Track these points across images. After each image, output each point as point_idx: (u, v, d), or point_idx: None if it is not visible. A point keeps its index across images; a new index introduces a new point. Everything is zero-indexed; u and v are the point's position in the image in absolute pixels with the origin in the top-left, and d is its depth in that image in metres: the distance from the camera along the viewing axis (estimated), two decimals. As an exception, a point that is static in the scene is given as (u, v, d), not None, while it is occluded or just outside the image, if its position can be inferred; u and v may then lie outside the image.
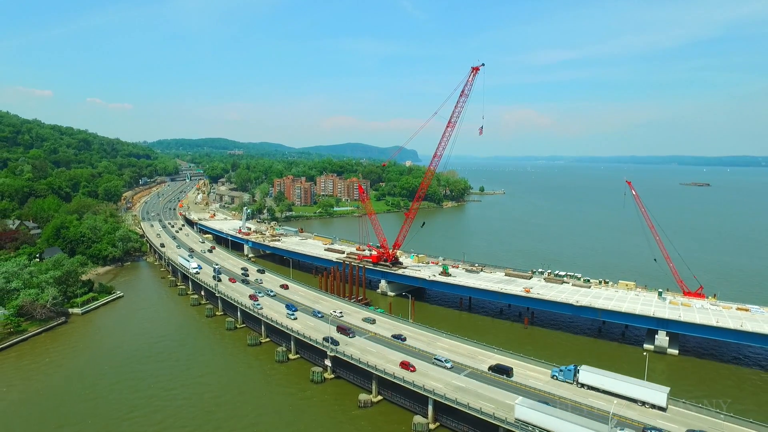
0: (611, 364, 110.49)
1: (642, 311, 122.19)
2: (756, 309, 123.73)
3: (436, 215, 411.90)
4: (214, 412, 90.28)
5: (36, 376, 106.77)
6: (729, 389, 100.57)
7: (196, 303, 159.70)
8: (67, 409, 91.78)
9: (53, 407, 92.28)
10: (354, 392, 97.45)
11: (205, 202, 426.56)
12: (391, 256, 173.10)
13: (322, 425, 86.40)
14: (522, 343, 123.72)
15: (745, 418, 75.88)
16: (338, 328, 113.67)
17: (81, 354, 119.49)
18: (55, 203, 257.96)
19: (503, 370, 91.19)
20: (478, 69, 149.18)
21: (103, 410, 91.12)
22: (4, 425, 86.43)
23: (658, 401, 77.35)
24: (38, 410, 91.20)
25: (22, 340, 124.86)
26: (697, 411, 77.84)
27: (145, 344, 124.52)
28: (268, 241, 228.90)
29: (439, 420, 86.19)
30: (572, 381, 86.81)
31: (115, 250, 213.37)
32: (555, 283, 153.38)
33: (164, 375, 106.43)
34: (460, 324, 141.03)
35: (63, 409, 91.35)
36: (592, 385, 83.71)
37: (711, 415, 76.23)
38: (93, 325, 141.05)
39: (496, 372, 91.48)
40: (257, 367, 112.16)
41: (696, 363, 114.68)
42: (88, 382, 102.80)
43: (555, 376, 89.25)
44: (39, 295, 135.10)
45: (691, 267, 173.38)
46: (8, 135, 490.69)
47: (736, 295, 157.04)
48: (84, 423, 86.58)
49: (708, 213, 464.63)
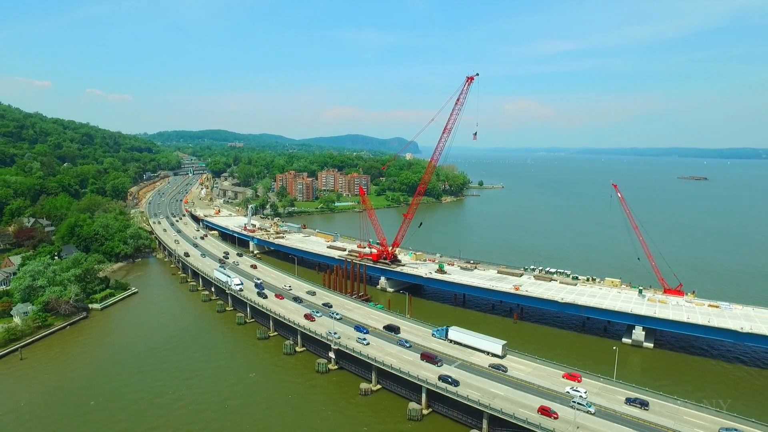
0: (591, 356, 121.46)
1: (621, 308, 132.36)
2: (726, 306, 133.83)
3: (435, 210, 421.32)
4: (230, 399, 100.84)
5: (66, 365, 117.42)
6: (694, 378, 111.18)
7: (207, 299, 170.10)
8: (97, 393, 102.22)
9: (85, 392, 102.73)
10: (355, 381, 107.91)
11: (209, 197, 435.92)
12: (390, 254, 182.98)
13: (327, 411, 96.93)
14: (511, 337, 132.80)
15: (702, 404, 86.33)
16: (423, 356, 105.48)
17: (104, 346, 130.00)
18: (67, 201, 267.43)
19: (393, 328, 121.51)
20: (473, 78, 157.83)
21: (131, 396, 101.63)
22: (45, 406, 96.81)
23: (495, 350, 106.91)
24: (72, 394, 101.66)
25: (50, 333, 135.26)
26: (522, 357, 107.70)
27: (163, 337, 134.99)
28: (273, 239, 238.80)
29: (431, 406, 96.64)
30: (444, 338, 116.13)
31: (126, 248, 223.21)
32: (544, 281, 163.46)
33: (182, 365, 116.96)
34: (455, 319, 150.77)
35: (94, 394, 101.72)
36: (457, 340, 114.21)
37: (528, 359, 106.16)
38: (112, 319, 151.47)
39: (388, 330, 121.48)
40: (267, 358, 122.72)
41: (668, 355, 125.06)
42: (115, 371, 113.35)
43: (434, 334, 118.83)
44: (62, 292, 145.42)
45: (673, 265, 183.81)
46: (12, 130, 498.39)
47: (716, 292, 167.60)
48: (115, 407, 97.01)
49: (701, 209, 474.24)
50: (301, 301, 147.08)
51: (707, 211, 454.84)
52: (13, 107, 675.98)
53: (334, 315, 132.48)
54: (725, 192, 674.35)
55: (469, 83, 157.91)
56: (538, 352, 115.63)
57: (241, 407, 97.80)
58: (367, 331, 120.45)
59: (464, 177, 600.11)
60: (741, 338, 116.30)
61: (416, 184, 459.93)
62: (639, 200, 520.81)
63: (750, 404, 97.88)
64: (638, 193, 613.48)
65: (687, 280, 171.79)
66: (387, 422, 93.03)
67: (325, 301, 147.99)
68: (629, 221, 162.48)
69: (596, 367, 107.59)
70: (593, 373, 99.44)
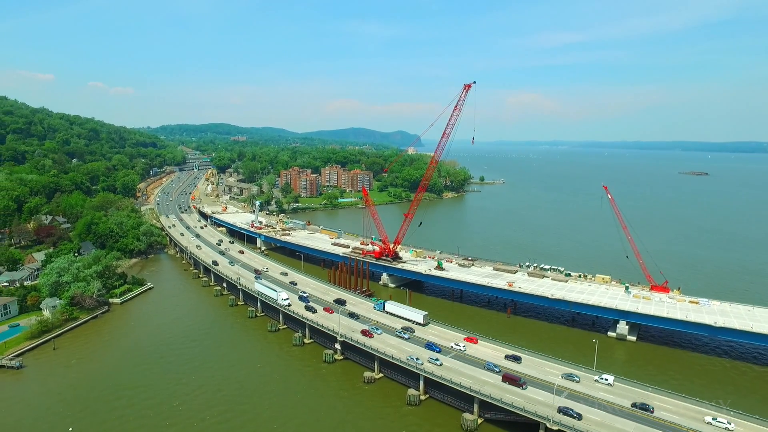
0: (578, 349, 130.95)
1: (607, 304, 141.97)
2: (705, 302, 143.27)
3: (436, 207, 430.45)
4: (246, 385, 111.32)
5: (94, 354, 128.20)
6: (669, 369, 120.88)
7: (219, 294, 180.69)
8: (125, 378, 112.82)
9: (114, 377, 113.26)
10: (359, 371, 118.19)
11: (216, 193, 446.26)
12: (392, 251, 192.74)
13: (333, 397, 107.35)
14: (504, 330, 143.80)
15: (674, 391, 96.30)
16: (505, 377, 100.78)
17: (127, 337, 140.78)
18: (81, 199, 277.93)
19: (341, 302, 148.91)
20: (470, 86, 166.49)
21: (155, 381, 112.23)
22: (78, 390, 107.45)
23: (419, 319, 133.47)
24: (103, 379, 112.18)
25: (77, 325, 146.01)
26: (439, 324, 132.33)
27: (180, 329, 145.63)
28: (279, 235, 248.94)
29: (428, 392, 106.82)
30: (382, 311, 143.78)
31: (139, 244, 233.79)
32: (536, 277, 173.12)
33: (200, 354, 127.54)
34: (452, 313, 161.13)
35: (121, 379, 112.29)
36: (392, 312, 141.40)
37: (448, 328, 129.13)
38: (132, 313, 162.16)
39: (337, 302, 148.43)
40: (277, 349, 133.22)
41: (649, 348, 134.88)
42: (139, 359, 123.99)
43: (375, 308, 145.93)
44: (86, 287, 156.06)
45: (663, 262, 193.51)
46: (22, 126, 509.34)
47: (703, 289, 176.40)
48: (141, 391, 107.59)
49: (697, 205, 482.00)
50: (357, 317, 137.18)
51: (703, 207, 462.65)
52: (20, 102, 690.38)
53: (401, 334, 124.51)
54: (724, 188, 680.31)
55: (467, 91, 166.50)
56: (528, 344, 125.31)
57: (257, 391, 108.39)
58: (439, 350, 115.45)
59: (465, 173, 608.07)
60: (715, 332, 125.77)
61: (418, 180, 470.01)
62: (637, 196, 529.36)
63: (715, 390, 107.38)
64: (637, 189, 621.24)
65: (675, 277, 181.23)
66: (388, 406, 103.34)
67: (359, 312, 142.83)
68: (619, 221, 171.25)
69: (579, 358, 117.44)
70: (575, 362, 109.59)
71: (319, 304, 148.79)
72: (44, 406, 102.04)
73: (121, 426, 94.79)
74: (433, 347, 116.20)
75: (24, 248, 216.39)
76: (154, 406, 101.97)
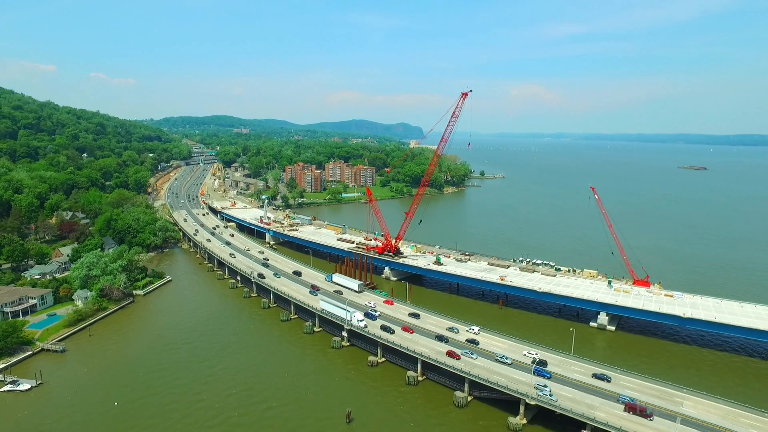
0: (563, 337, 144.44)
1: (589, 297, 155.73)
2: (679, 295, 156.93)
3: (437, 202, 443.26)
4: (264, 367, 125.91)
5: (125, 340, 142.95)
6: (640, 355, 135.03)
7: (233, 286, 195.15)
8: (154, 360, 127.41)
9: (145, 358, 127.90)
10: (364, 356, 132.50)
11: (223, 188, 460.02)
12: (394, 247, 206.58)
13: (341, 378, 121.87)
14: (495, 320, 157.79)
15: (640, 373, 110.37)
16: (628, 406, 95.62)
17: (153, 325, 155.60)
18: (98, 195, 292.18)
19: (297, 273, 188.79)
20: (467, 94, 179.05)
21: (185, 363, 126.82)
22: (116, 371, 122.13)
23: (354, 287, 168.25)
24: (136, 360, 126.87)
25: (106, 315, 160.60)
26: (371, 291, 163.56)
27: (200, 318, 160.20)
28: (287, 231, 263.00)
29: (425, 374, 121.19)
30: (331, 281, 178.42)
31: (155, 239, 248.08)
32: (527, 272, 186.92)
33: (221, 340, 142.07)
34: (449, 305, 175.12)
35: (151, 360, 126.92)
36: (337, 282, 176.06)
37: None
38: (155, 304, 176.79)
39: (295, 274, 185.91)
40: (290, 337, 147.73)
41: (626, 336, 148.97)
42: (166, 345, 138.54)
43: (326, 279, 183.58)
44: (113, 280, 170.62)
45: (648, 258, 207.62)
46: (32, 121, 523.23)
47: (684, 283, 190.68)
48: (174, 371, 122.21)
49: (691, 201, 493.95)
50: (446, 340, 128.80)
51: (695, 203, 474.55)
52: (27, 96, 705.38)
53: (469, 354, 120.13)
54: (720, 183, 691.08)
55: (464, 98, 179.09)
56: (517, 333, 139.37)
57: (275, 371, 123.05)
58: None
59: (466, 168, 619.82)
60: (683, 322, 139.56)
61: (419, 175, 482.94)
62: (633, 192, 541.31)
63: (678, 372, 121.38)
64: (634, 185, 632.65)
65: (658, 272, 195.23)
66: (390, 386, 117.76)
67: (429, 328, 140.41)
68: (605, 220, 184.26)
69: (561, 345, 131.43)
70: (555, 348, 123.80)
71: (395, 324, 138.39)
72: (90, 385, 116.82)
73: (158, 400, 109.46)
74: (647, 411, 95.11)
75: (49, 243, 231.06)
76: (185, 384, 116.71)
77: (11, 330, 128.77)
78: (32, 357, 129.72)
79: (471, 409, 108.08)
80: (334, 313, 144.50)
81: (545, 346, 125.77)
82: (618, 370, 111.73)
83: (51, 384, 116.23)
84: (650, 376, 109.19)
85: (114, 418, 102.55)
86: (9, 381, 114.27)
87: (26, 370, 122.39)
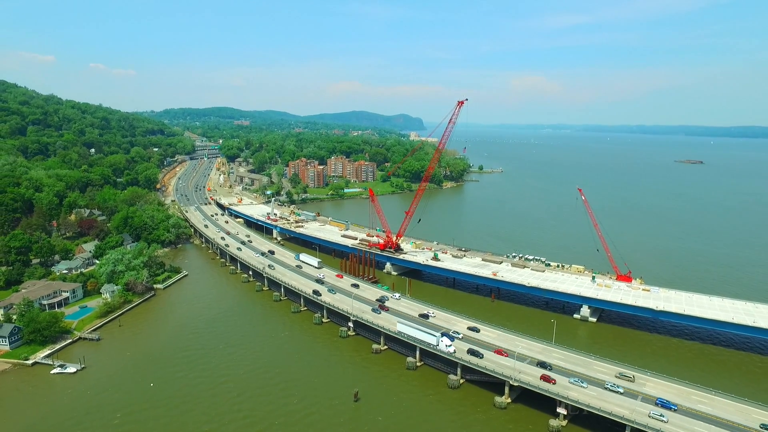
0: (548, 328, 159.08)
1: (573, 291, 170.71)
2: (655, 290, 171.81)
3: (436, 197, 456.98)
4: (279, 353, 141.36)
5: (152, 329, 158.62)
6: (615, 343, 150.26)
7: (246, 281, 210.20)
8: (183, 346, 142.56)
9: (173, 345, 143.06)
10: (368, 344, 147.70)
11: (228, 184, 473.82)
12: (395, 244, 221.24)
13: (348, 363, 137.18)
14: (488, 313, 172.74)
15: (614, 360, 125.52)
16: None
17: (176, 315, 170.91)
18: (112, 193, 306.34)
19: (271, 251, 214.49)
20: (463, 103, 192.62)
21: (209, 348, 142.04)
22: (148, 356, 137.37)
23: (315, 264, 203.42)
24: (165, 346, 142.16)
25: (132, 307, 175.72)
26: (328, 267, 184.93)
27: (218, 310, 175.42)
28: (294, 227, 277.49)
29: (423, 360, 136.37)
30: (298, 259, 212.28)
31: (169, 235, 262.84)
32: (518, 267, 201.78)
33: (239, 329, 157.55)
34: (446, 298, 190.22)
35: (180, 347, 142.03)
36: (302, 259, 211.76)
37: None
38: (174, 297, 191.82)
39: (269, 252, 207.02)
40: (301, 327, 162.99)
41: (606, 327, 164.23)
42: (190, 332, 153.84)
43: (296, 257, 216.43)
44: (137, 275, 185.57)
45: (630, 254, 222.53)
46: (39, 117, 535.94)
47: (665, 278, 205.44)
48: (200, 355, 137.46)
49: (681, 196, 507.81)
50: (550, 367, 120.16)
51: (685, 199, 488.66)
52: (30, 89, 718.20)
53: (579, 383, 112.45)
54: (714, 178, 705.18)
55: (460, 107, 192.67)
56: (507, 324, 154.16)
57: (289, 356, 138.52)
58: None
59: (465, 163, 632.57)
60: (656, 314, 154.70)
61: (418, 171, 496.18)
62: (627, 188, 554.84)
63: (647, 358, 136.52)
64: (629, 180, 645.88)
65: (641, 267, 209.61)
66: (391, 371, 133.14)
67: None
68: (591, 220, 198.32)
69: (544, 335, 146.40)
70: (539, 338, 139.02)
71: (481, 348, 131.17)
72: (126, 368, 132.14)
73: (188, 381, 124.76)
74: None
75: (70, 239, 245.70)
76: (210, 367, 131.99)
77: (53, 320, 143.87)
78: (72, 345, 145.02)
79: (463, 390, 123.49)
80: (417, 337, 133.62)
81: (531, 336, 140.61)
82: (593, 357, 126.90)
83: (93, 368, 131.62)
84: (620, 362, 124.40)
85: (151, 396, 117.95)
86: (57, 365, 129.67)
87: (69, 356, 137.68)
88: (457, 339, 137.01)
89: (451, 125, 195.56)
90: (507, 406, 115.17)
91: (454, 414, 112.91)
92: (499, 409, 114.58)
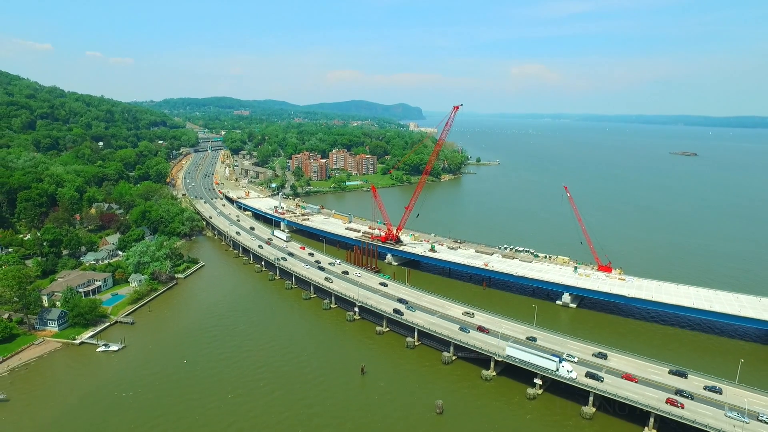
0: (532, 312, 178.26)
1: (556, 280, 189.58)
2: (630, 279, 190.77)
3: (434, 190, 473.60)
4: (294, 334, 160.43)
5: (179, 314, 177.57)
6: (593, 327, 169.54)
7: (259, 270, 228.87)
8: (209, 328, 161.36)
9: (200, 327, 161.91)
10: (372, 326, 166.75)
11: (234, 177, 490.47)
12: (395, 236, 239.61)
13: (355, 342, 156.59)
14: (479, 299, 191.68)
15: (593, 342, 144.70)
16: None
17: (199, 302, 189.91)
18: (128, 187, 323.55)
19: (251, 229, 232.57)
20: (458, 108, 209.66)
21: (232, 329, 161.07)
22: (179, 336, 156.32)
23: (283, 237, 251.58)
24: (192, 329, 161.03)
25: (158, 295, 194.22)
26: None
27: (236, 297, 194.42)
28: (300, 220, 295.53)
29: (421, 340, 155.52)
30: (273, 235, 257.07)
31: (184, 228, 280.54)
32: (508, 258, 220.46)
33: (257, 314, 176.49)
34: (441, 286, 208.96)
35: (206, 329, 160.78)
36: (276, 236, 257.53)
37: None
38: (195, 286, 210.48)
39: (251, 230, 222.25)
40: (312, 312, 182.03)
41: (585, 312, 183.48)
42: (214, 316, 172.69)
43: (271, 234, 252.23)
44: (161, 265, 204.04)
45: (612, 246, 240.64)
46: (47, 111, 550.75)
47: (643, 268, 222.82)
48: (225, 336, 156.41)
49: (670, 190, 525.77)
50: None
51: (673, 192, 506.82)
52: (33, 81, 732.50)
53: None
54: (706, 170, 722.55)
55: (455, 111, 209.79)
56: (497, 309, 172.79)
57: (304, 337, 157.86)
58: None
59: (463, 156, 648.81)
60: (628, 301, 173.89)
61: (418, 164, 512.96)
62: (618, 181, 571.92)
63: (617, 339, 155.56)
64: (621, 173, 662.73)
65: (622, 259, 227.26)
66: (393, 348, 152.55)
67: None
68: (576, 215, 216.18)
69: (528, 318, 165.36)
70: (523, 321, 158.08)
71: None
72: (161, 347, 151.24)
73: (216, 356, 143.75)
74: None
75: (92, 232, 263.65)
76: (234, 345, 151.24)
77: (93, 306, 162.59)
78: (110, 327, 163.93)
79: (455, 366, 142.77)
80: (532, 362, 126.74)
81: (516, 319, 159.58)
82: (569, 337, 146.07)
83: (132, 347, 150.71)
84: (591, 341, 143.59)
85: (186, 371, 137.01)
86: (102, 344, 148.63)
87: (108, 336, 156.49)
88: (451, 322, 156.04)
89: (447, 128, 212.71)
90: (492, 378, 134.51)
91: (445, 383, 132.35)
92: (485, 381, 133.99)
